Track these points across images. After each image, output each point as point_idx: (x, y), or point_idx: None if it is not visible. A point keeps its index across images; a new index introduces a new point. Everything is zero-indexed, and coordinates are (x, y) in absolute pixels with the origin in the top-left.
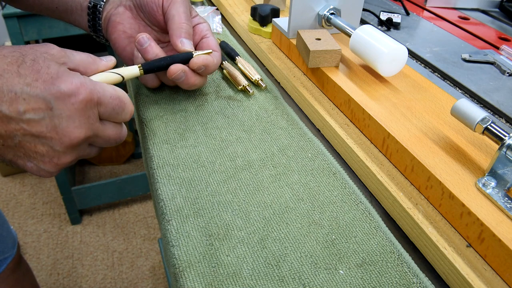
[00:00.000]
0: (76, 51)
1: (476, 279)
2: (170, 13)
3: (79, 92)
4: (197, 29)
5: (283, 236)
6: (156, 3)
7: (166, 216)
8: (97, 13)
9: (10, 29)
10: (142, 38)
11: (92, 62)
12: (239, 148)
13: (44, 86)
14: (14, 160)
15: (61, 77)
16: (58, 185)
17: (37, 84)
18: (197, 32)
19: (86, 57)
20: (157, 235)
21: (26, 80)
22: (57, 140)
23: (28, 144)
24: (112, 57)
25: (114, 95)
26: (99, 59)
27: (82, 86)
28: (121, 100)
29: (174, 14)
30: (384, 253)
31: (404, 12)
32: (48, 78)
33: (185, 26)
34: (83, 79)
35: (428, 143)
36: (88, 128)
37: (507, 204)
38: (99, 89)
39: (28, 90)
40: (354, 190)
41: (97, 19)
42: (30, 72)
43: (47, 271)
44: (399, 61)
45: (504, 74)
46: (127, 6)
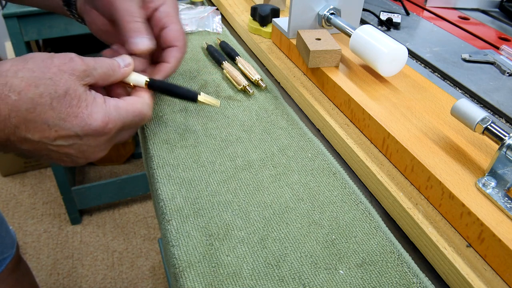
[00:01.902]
0: (98, 61)
1: (476, 279)
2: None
3: (108, 128)
4: (155, 18)
5: (283, 236)
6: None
7: (166, 216)
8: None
9: (10, 29)
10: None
11: (112, 74)
12: (239, 148)
13: (75, 121)
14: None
15: (91, 113)
16: (58, 185)
17: (69, 119)
18: (155, 22)
19: (107, 70)
20: (157, 235)
21: (59, 115)
22: (82, 158)
23: (54, 155)
24: (129, 60)
25: (136, 112)
26: (119, 67)
27: (109, 121)
28: (142, 114)
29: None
30: (384, 253)
31: (404, 12)
32: (78, 113)
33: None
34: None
35: (428, 143)
36: (110, 146)
37: (507, 204)
38: (124, 113)
39: (60, 123)
40: (354, 190)
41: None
42: (63, 106)
43: (47, 271)
44: (399, 61)
45: (504, 74)
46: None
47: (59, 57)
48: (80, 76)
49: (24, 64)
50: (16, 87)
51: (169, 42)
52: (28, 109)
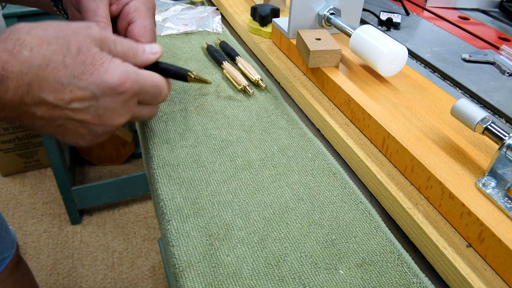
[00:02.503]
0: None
1: (476, 279)
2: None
3: (125, 87)
4: (124, 13)
5: (283, 236)
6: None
7: (166, 216)
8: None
9: None
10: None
11: (132, 56)
12: (239, 148)
13: (91, 79)
14: (53, 134)
15: (107, 70)
16: (58, 185)
17: (84, 76)
18: (124, 16)
19: (127, 50)
20: (157, 235)
21: (72, 72)
22: (99, 125)
23: (70, 126)
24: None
25: (154, 83)
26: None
27: (127, 80)
28: (159, 87)
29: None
30: (384, 253)
31: (404, 12)
32: (94, 70)
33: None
34: (127, 70)
35: (428, 143)
36: (128, 115)
37: (507, 204)
38: (141, 79)
39: (75, 82)
40: (354, 190)
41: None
42: (76, 64)
43: (47, 271)
44: (399, 61)
45: (504, 74)
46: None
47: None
48: (96, 41)
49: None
50: (29, 43)
51: (133, 38)
52: (40, 65)
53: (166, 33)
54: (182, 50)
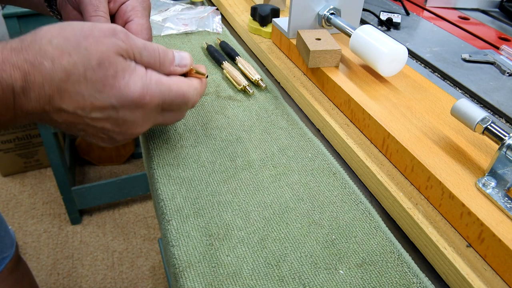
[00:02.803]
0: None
1: (476, 279)
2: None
3: (145, 101)
4: (120, 11)
5: (283, 236)
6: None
7: (166, 216)
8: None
9: (10, 29)
10: None
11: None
12: (239, 148)
13: (111, 92)
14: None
15: (128, 83)
16: (58, 185)
17: (105, 89)
18: (120, 15)
19: (154, 60)
20: (157, 235)
21: (93, 85)
22: (119, 134)
23: (91, 131)
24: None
25: (180, 93)
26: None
27: (148, 94)
28: (185, 96)
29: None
30: (384, 253)
31: (404, 12)
32: (115, 83)
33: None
34: (149, 82)
35: (428, 143)
36: (149, 124)
37: (507, 204)
38: (165, 89)
39: (95, 94)
40: (354, 190)
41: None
42: (97, 77)
43: (47, 271)
44: (399, 61)
45: (504, 74)
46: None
47: (101, 29)
48: (120, 50)
49: (60, 31)
50: (50, 54)
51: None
52: (61, 78)
53: (166, 33)
54: (182, 50)
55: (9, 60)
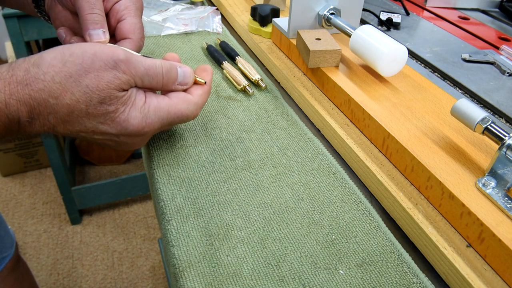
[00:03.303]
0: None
1: (476, 279)
2: (77, 5)
3: (143, 131)
4: (113, 10)
5: (283, 236)
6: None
7: (166, 216)
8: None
9: (10, 29)
10: (59, 33)
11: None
12: (239, 148)
13: (112, 124)
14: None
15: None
16: (58, 185)
17: (106, 122)
18: (113, 14)
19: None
20: (157, 235)
21: (95, 119)
22: (119, 147)
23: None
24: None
25: (177, 114)
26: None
27: (146, 125)
28: (183, 115)
29: (80, 6)
30: (384, 253)
31: (404, 12)
32: (115, 118)
33: (92, 16)
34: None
35: (428, 143)
36: (147, 140)
37: (507, 204)
38: (163, 115)
39: (97, 125)
40: (354, 190)
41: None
42: (99, 112)
43: (47, 271)
44: (399, 61)
45: (504, 74)
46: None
47: (102, 59)
48: (120, 85)
49: (62, 66)
50: (54, 92)
51: (123, 34)
52: (64, 113)
53: (166, 33)
54: (182, 50)
55: (15, 95)
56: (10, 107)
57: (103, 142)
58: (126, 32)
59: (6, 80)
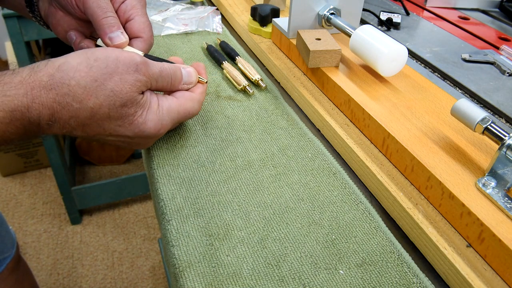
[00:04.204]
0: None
1: (476, 279)
2: (88, 12)
3: (159, 133)
4: (120, 10)
5: (283, 236)
6: (70, 4)
7: (166, 216)
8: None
9: (10, 29)
10: (70, 36)
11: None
12: (239, 148)
13: (130, 127)
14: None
15: (145, 122)
16: (58, 185)
17: (124, 125)
18: (121, 14)
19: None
20: (157, 235)
21: (115, 122)
22: (128, 147)
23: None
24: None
25: (185, 113)
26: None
27: (162, 128)
28: (190, 113)
29: (93, 12)
30: (384, 253)
31: (404, 12)
32: (133, 121)
33: (108, 20)
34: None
35: (428, 143)
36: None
37: (507, 204)
38: (174, 116)
39: (115, 128)
40: (354, 190)
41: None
42: (119, 115)
43: (47, 271)
44: (399, 61)
45: (504, 74)
46: (54, 5)
47: (124, 63)
48: (141, 87)
49: (88, 70)
50: (78, 96)
51: (134, 34)
52: (86, 116)
53: (166, 33)
54: (182, 50)
55: (39, 99)
56: (33, 111)
57: (115, 143)
58: (136, 31)
59: (29, 84)
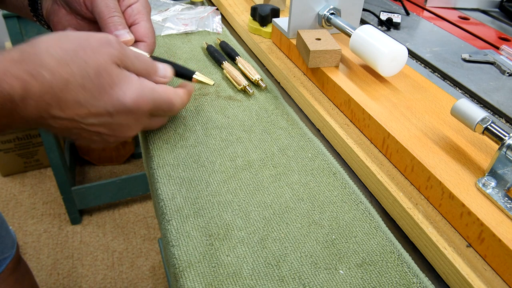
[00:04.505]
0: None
1: (476, 279)
2: (96, 10)
3: (139, 107)
4: (126, 14)
5: (283, 236)
6: (78, 2)
7: (166, 216)
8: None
9: (10, 29)
10: None
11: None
12: (239, 148)
13: (107, 98)
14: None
15: (123, 89)
16: (58, 185)
17: (101, 96)
18: (126, 17)
19: (143, 69)
20: (157, 235)
21: (90, 93)
22: (112, 137)
23: (85, 134)
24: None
25: (168, 100)
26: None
27: (142, 100)
28: (171, 102)
29: (100, 11)
30: (384, 253)
31: (404, 12)
32: (111, 91)
33: (114, 20)
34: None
35: (428, 143)
36: (140, 128)
37: (507, 204)
38: (157, 96)
39: (92, 101)
40: (354, 190)
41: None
42: (94, 86)
43: (47, 271)
44: (399, 61)
45: (504, 74)
46: (59, 3)
47: (97, 38)
48: (115, 59)
49: (59, 42)
50: (48, 64)
51: (138, 38)
52: (60, 88)
53: (166, 33)
54: (182, 50)
55: (9, 71)
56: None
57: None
58: (141, 35)
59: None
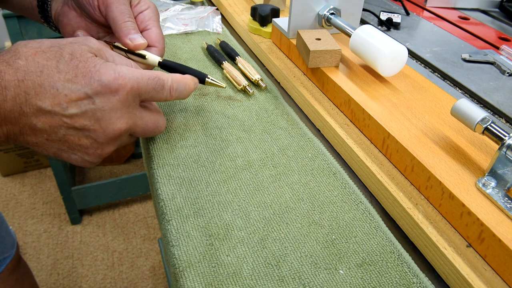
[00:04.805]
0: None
1: (476, 279)
2: (110, 15)
3: (118, 83)
4: (138, 19)
5: (283, 236)
6: (92, 5)
7: (166, 216)
8: (46, 12)
9: (10, 29)
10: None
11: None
12: (239, 148)
13: (84, 80)
14: (58, 154)
15: (99, 70)
16: (58, 185)
17: (77, 79)
18: (138, 23)
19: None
20: (157, 235)
21: (66, 76)
22: (100, 132)
23: (72, 138)
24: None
25: (152, 75)
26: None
27: (120, 77)
28: (160, 79)
29: (115, 16)
30: (384, 253)
31: (404, 12)
32: (87, 72)
33: (129, 24)
34: (120, 69)
35: (428, 143)
36: (129, 118)
37: (507, 204)
38: (138, 74)
39: (69, 85)
40: (354, 190)
41: (48, 17)
42: (69, 68)
43: (47, 271)
44: (399, 61)
45: (504, 74)
46: (70, 5)
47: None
48: (91, 50)
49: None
50: (24, 53)
51: (150, 43)
52: (35, 72)
53: (166, 33)
54: (182, 50)
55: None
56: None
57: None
58: (152, 41)
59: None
